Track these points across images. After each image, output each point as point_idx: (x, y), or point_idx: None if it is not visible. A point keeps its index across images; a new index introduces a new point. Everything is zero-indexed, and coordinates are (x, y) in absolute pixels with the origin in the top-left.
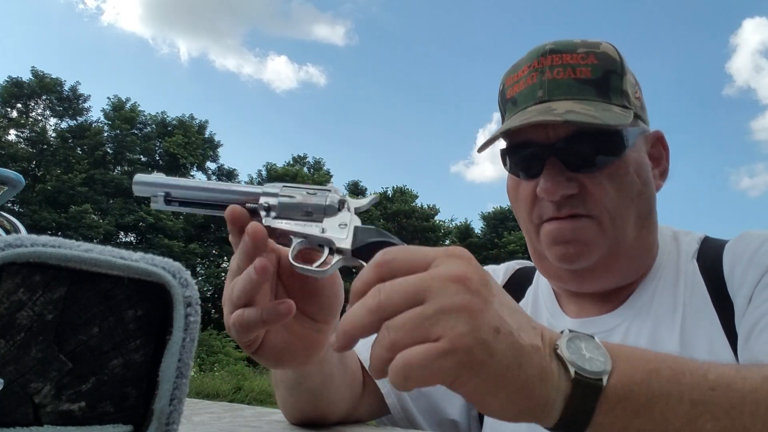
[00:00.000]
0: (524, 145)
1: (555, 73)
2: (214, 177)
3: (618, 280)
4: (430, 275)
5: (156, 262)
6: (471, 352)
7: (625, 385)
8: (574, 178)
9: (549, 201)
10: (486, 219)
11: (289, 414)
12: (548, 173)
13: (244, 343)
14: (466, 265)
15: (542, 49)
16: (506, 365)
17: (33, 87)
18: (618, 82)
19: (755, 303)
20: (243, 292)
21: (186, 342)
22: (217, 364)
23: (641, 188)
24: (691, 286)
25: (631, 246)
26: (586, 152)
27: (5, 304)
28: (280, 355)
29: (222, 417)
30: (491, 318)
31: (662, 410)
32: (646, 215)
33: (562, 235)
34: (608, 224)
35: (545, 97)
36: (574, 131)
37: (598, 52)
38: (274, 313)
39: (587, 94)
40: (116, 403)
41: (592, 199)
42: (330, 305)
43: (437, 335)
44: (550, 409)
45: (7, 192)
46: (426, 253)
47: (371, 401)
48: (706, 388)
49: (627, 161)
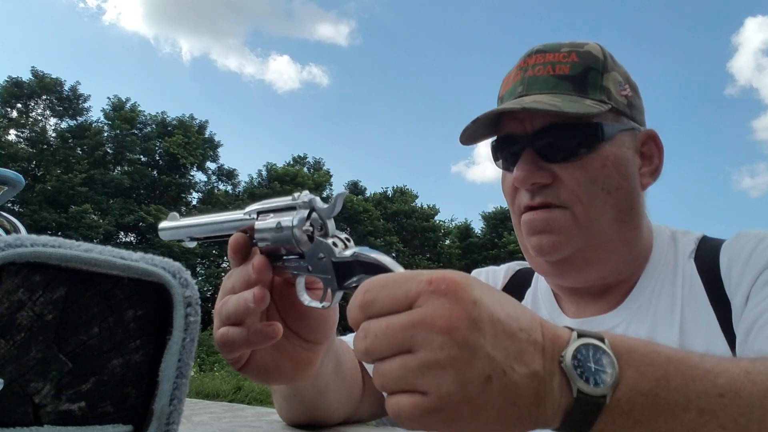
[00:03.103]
0: (505, 138)
1: (536, 70)
2: (214, 177)
3: (600, 275)
4: (413, 321)
5: (156, 262)
6: (459, 408)
7: (630, 398)
8: (546, 168)
9: (524, 190)
10: (486, 219)
11: (286, 418)
12: (521, 163)
13: (230, 360)
14: (451, 305)
15: (531, 50)
16: (498, 409)
17: (33, 87)
18: (597, 79)
19: (753, 302)
20: (235, 314)
21: (186, 342)
22: (217, 364)
23: (620, 182)
24: (689, 286)
25: (610, 240)
26: (559, 143)
27: (5, 304)
28: (266, 372)
29: (222, 417)
30: (481, 367)
31: (667, 419)
32: (627, 210)
33: (536, 225)
34: (581, 215)
35: (524, 92)
36: (548, 123)
37: (581, 50)
38: (261, 336)
39: (563, 88)
40: (116, 403)
41: (564, 189)
42: (322, 326)
43: (423, 389)
44: (547, 424)
45: (7, 192)
46: (407, 290)
47: (372, 401)
48: (715, 395)
49: (603, 154)
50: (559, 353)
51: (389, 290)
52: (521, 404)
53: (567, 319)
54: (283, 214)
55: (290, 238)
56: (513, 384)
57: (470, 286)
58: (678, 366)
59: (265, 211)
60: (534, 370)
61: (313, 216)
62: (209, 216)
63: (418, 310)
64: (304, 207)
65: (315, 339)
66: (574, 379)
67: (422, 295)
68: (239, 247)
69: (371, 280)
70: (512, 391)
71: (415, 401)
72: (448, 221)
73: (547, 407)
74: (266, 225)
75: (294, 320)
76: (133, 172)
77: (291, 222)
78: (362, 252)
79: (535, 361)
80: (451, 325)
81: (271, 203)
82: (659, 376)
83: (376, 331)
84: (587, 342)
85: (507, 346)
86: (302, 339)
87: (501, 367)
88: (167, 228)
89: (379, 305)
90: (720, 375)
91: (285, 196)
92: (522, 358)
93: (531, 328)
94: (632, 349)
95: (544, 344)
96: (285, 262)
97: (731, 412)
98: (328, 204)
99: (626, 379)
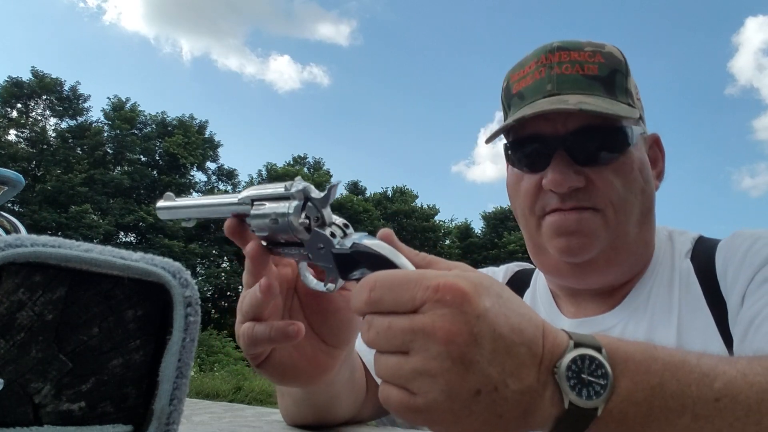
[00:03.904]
0: (531, 138)
1: (563, 68)
2: (214, 177)
3: (618, 276)
4: (413, 327)
5: (156, 262)
6: (443, 415)
7: (623, 408)
8: (580, 172)
9: (555, 193)
10: (486, 219)
11: (290, 420)
12: (556, 165)
13: (250, 356)
14: (453, 317)
15: (549, 46)
16: (482, 421)
17: (33, 87)
18: (623, 81)
19: (750, 301)
20: (250, 308)
21: (186, 342)
22: (217, 364)
23: (644, 185)
24: (686, 286)
25: (632, 241)
26: (592, 146)
27: (5, 304)
28: (284, 372)
29: (222, 417)
30: (473, 382)
31: (660, 426)
32: (647, 212)
33: (567, 226)
34: (612, 218)
35: (554, 91)
36: (583, 125)
37: (604, 51)
38: (282, 334)
39: (595, 90)
40: (116, 403)
41: (598, 192)
42: (344, 330)
43: (413, 390)
44: (535, 430)
45: (7, 192)
46: (413, 296)
47: (373, 402)
48: (711, 400)
49: (631, 158)
50: (555, 363)
51: (395, 293)
52: (508, 416)
53: (565, 319)
54: (277, 202)
55: (287, 228)
56: (503, 399)
57: (478, 296)
58: (674, 372)
59: (259, 199)
60: (527, 385)
61: (308, 205)
62: (204, 198)
63: (421, 317)
64: (299, 196)
65: (336, 343)
66: (566, 392)
67: (428, 302)
68: (234, 233)
69: (377, 277)
70: (501, 406)
71: (403, 398)
72: (448, 221)
73: (537, 417)
74: (262, 214)
75: (318, 322)
76: (133, 172)
77: (287, 211)
78: (361, 242)
79: (531, 375)
80: (450, 338)
81: (266, 190)
82: (654, 384)
83: (378, 327)
84: (583, 353)
85: (504, 362)
86: (323, 342)
87: (494, 383)
88: (164, 207)
89: (384, 305)
90: (717, 378)
91: (278, 183)
92: (518, 374)
93: (533, 340)
94: (629, 357)
95: (542, 356)
96: (285, 249)
97: (727, 417)
98: (322, 193)
99: (620, 389)
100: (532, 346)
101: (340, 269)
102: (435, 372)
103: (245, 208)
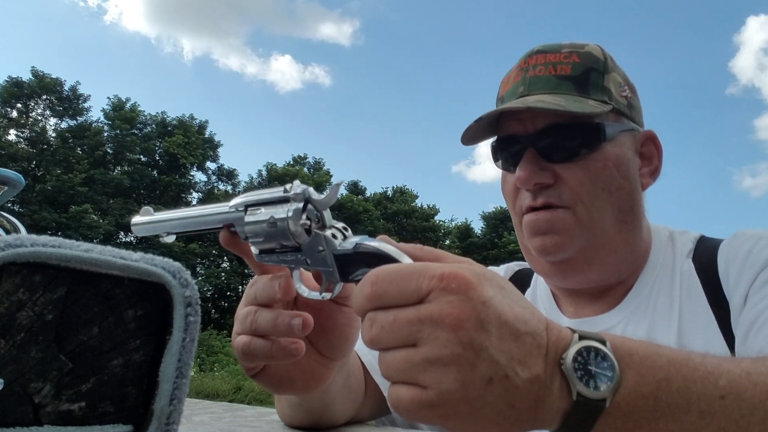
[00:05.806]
0: (507, 139)
1: (537, 70)
2: (214, 177)
3: (602, 276)
4: (420, 316)
5: (156, 262)
6: (457, 406)
7: (630, 401)
8: (548, 168)
9: (526, 191)
10: (486, 219)
11: (287, 422)
12: (523, 163)
13: (245, 368)
14: (460, 303)
15: (531, 50)
16: (497, 411)
17: (33, 87)
18: (598, 79)
19: (752, 301)
20: (264, 329)
21: (186, 342)
22: (217, 364)
23: (621, 182)
24: (687, 286)
25: (612, 240)
26: (561, 143)
27: (5, 304)
28: (279, 383)
29: (222, 417)
30: (484, 369)
31: (667, 422)
32: (628, 210)
33: (539, 225)
34: (584, 215)
35: (525, 92)
36: (550, 123)
37: (582, 51)
38: (284, 352)
39: (564, 88)
40: (116, 403)
41: (566, 189)
42: (342, 344)
43: (425, 384)
44: (545, 426)
45: (7, 192)
46: (418, 286)
47: (372, 403)
48: (716, 397)
49: (604, 154)
50: (561, 355)
51: (399, 285)
52: (520, 407)
53: (565, 319)
54: (275, 206)
55: (286, 232)
56: (514, 387)
57: (482, 285)
58: (679, 368)
59: (254, 204)
60: (536, 374)
61: (308, 208)
62: (189, 209)
63: (427, 306)
64: (299, 199)
65: (333, 355)
66: (573, 382)
67: (433, 291)
68: (229, 243)
69: (379, 271)
70: (512, 394)
71: (415, 394)
72: (448, 221)
73: (546, 410)
74: (258, 219)
75: (316, 335)
76: (133, 172)
77: (286, 215)
78: (364, 242)
79: (538, 364)
80: (458, 324)
81: (261, 195)
82: (660, 378)
83: (382, 322)
84: (588, 345)
85: (511, 348)
86: (320, 354)
87: (504, 370)
88: (140, 223)
89: (388, 299)
90: (721, 376)
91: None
92: (525, 362)
93: (537, 331)
94: (633, 352)
95: (547, 347)
96: (279, 256)
97: (732, 414)
98: (323, 194)
99: (627, 382)
100: (537, 336)
101: (341, 270)
102: (447, 359)
103: (238, 215)
